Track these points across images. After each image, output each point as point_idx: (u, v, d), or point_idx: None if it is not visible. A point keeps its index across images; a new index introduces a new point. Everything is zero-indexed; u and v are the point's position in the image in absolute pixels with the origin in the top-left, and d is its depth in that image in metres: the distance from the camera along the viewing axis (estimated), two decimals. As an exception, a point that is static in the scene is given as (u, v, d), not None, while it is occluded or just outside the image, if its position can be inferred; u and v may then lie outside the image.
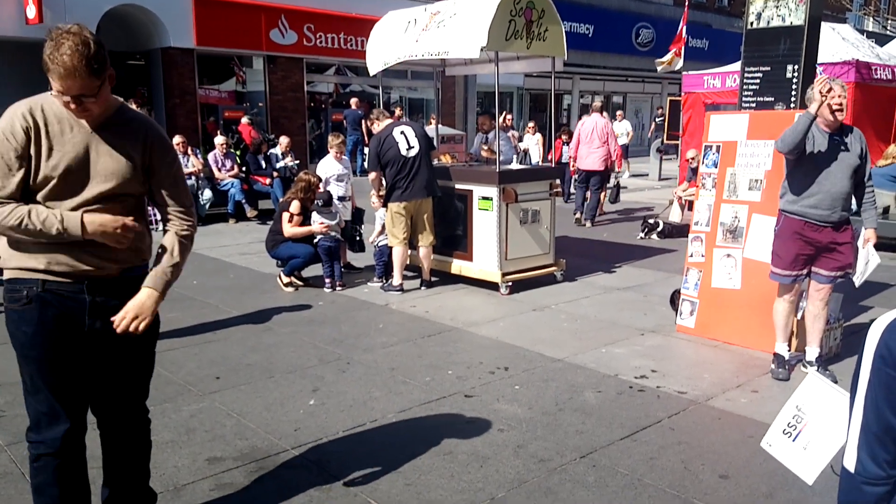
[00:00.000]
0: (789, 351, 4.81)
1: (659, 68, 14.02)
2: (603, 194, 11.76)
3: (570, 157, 11.83)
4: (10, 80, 13.77)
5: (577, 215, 11.19)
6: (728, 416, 4.10)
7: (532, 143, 14.96)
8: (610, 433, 3.85)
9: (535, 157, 14.78)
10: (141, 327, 2.44)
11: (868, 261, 4.62)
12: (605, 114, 11.35)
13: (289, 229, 6.92)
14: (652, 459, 3.54)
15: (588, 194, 11.13)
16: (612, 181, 12.38)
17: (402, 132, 6.70)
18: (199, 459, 3.55)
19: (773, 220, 4.82)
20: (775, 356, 4.75)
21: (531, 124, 15.38)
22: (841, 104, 4.28)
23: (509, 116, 15.09)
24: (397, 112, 14.96)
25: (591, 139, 10.84)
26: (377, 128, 6.88)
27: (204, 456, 3.58)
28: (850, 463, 1.53)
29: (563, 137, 13.46)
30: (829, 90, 4.21)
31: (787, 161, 4.52)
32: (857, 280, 4.70)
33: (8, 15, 12.97)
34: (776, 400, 4.34)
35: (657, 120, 21.99)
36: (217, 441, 3.75)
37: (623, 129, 16.84)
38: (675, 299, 5.91)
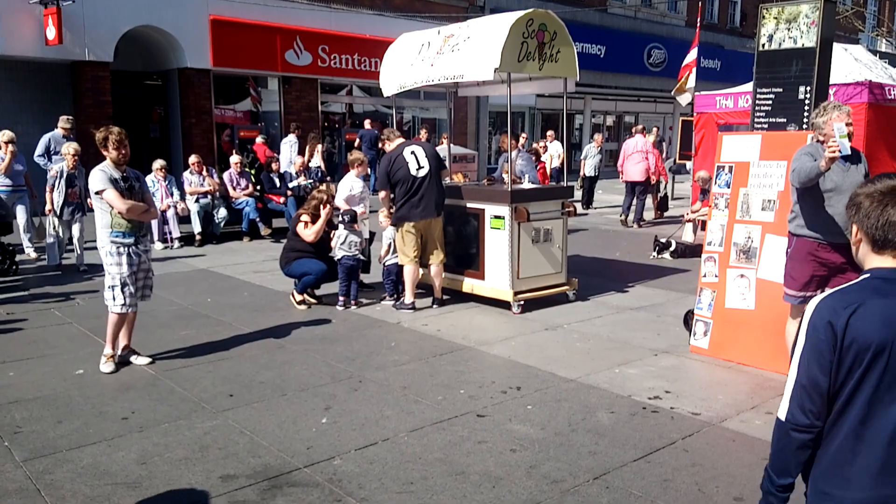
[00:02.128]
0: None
1: (679, 98, 14.10)
2: (653, 202, 13.71)
3: (619, 171, 14.00)
4: (31, 98, 14.05)
5: (622, 217, 13.18)
6: (742, 438, 4.07)
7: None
8: (623, 454, 3.83)
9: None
10: None
11: None
12: (645, 134, 13.39)
13: (308, 233, 6.97)
14: (666, 481, 3.52)
15: (634, 201, 13.11)
16: (661, 192, 14.19)
17: (412, 152, 6.75)
18: (213, 477, 3.56)
19: (785, 240, 4.81)
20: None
21: (541, 144, 15.36)
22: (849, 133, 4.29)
23: (523, 135, 15.25)
24: (422, 133, 15.05)
25: (633, 155, 12.99)
26: (389, 147, 6.96)
27: (217, 473, 3.60)
28: (782, 413, 1.80)
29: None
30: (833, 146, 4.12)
31: (794, 188, 4.53)
32: None
33: (29, 36, 13.23)
34: (791, 422, 4.31)
35: None
36: (230, 459, 3.76)
37: (554, 151, 16.21)
38: (688, 320, 5.89)
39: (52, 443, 3.95)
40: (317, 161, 13.80)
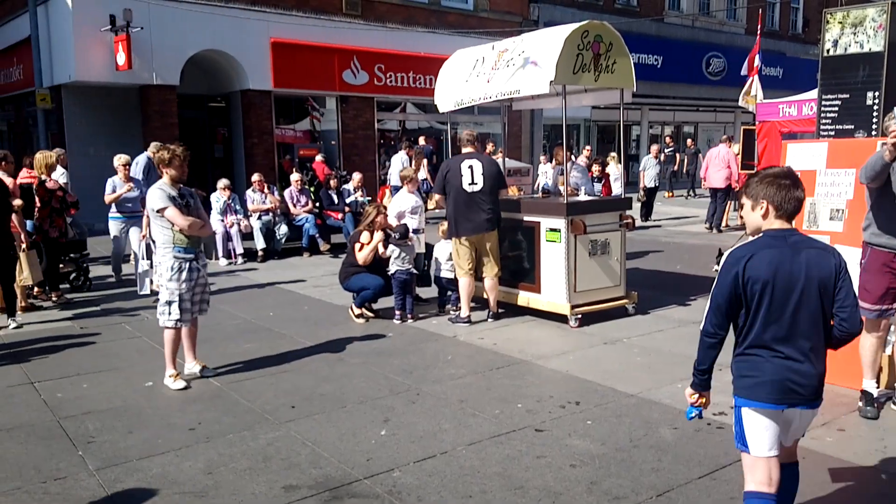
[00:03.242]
0: (878, 388, 4.57)
1: (743, 103, 13.76)
2: (729, 207, 14.28)
3: (701, 178, 15.09)
4: (102, 122, 14.72)
5: (707, 224, 13.87)
6: (813, 456, 3.92)
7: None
8: (688, 471, 3.74)
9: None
10: None
11: None
12: (730, 144, 14.09)
13: (360, 255, 7.08)
14: (733, 499, 3.42)
15: (716, 207, 13.82)
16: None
17: (469, 166, 6.78)
18: (276, 487, 3.63)
19: (856, 251, 4.63)
20: (863, 393, 4.53)
21: (584, 153, 15.02)
22: None
23: (587, 148, 15.27)
24: (489, 147, 15.19)
25: (717, 163, 13.67)
26: (463, 150, 7.00)
27: (280, 484, 3.67)
28: (701, 326, 2.77)
29: (595, 170, 12.25)
30: None
31: (870, 192, 4.36)
32: None
33: (101, 63, 13.88)
34: (864, 439, 4.14)
35: (666, 151, 20.00)
36: (293, 469, 3.83)
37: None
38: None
39: (124, 452, 4.09)
40: (423, 174, 14.57)
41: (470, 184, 6.72)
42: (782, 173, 2.69)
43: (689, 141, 23.42)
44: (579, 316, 6.73)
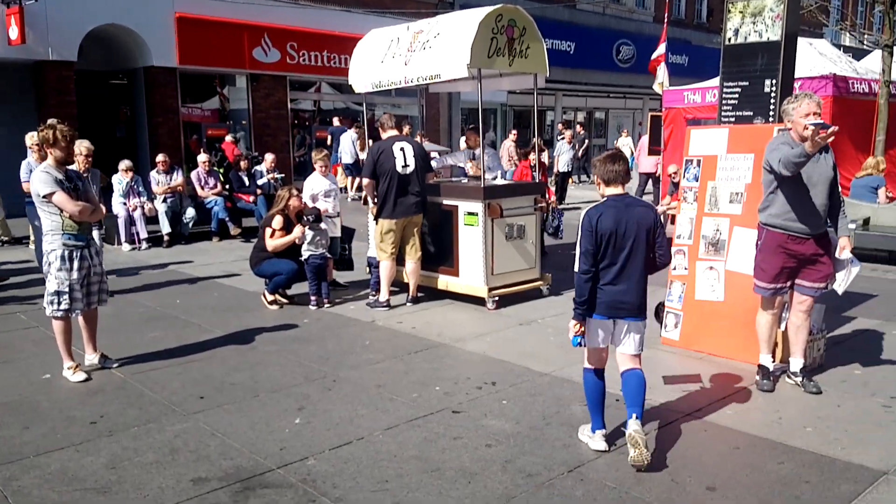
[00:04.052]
0: (773, 362, 4.84)
1: (656, 88, 14.06)
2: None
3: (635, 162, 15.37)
4: (-9, 100, 13.69)
5: None
6: (714, 428, 4.12)
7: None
8: (597, 447, 3.84)
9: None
10: None
11: (848, 268, 4.65)
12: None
13: (271, 242, 6.90)
14: (639, 472, 3.54)
15: (646, 190, 14.45)
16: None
17: (401, 148, 6.72)
18: (184, 480, 3.51)
19: (754, 232, 4.87)
20: (760, 367, 4.79)
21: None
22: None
23: (514, 132, 15.53)
24: (406, 130, 15.05)
25: (646, 150, 14.16)
26: (384, 135, 6.91)
27: (189, 476, 3.54)
28: (576, 268, 3.63)
29: (532, 158, 11.92)
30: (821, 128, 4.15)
31: (774, 177, 4.54)
32: (840, 288, 4.74)
33: (-11, 35, 12.90)
34: (761, 411, 4.37)
35: (558, 137, 18.16)
36: (202, 461, 3.70)
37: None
38: (659, 312, 5.93)
39: (19, 449, 3.86)
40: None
41: (404, 166, 6.67)
42: (606, 154, 3.70)
43: (578, 126, 23.86)
44: (496, 298, 6.81)
